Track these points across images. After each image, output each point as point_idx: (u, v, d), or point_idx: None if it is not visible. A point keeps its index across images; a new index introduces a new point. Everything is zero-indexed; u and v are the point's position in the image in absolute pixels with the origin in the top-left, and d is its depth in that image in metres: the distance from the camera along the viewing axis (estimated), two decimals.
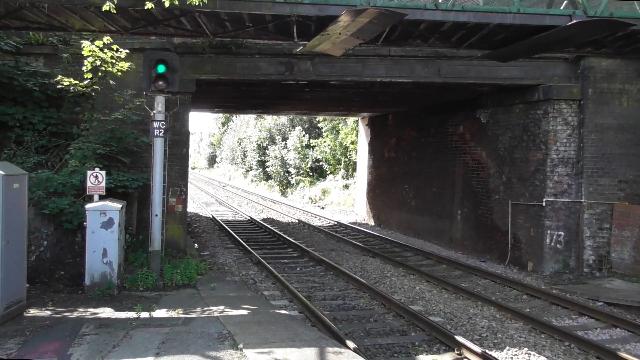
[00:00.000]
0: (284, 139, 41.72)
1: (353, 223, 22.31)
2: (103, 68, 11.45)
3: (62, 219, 10.01)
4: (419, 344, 7.83)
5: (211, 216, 24.36)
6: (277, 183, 41.03)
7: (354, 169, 29.48)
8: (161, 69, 9.98)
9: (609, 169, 12.73)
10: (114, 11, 8.30)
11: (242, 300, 9.25)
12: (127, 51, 11.66)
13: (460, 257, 15.00)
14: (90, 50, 11.13)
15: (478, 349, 7.20)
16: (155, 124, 10.20)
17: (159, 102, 10.29)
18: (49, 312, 7.92)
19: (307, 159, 37.60)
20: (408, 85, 14.15)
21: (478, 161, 15.36)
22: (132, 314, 7.93)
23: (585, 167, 12.67)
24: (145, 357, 6.11)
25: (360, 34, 9.16)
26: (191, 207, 26.89)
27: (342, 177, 32.36)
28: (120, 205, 9.30)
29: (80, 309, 8.14)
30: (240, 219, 24.08)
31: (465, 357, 7.29)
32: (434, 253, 15.17)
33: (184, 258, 12.04)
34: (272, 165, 41.80)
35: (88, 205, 9.16)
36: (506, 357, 7.46)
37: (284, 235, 17.53)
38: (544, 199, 12.84)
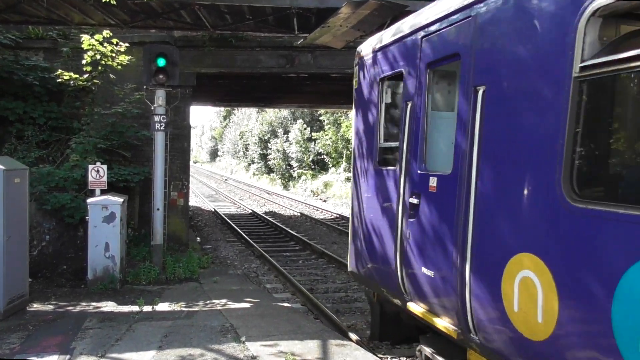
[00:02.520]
0: (286, 132, 41.69)
1: None
2: (103, 62, 11.42)
3: (64, 214, 10.02)
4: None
5: (213, 210, 24.39)
6: (279, 176, 41.04)
7: None
8: (161, 62, 9.94)
9: None
10: (114, 2, 8.27)
11: (244, 293, 9.25)
12: (127, 44, 11.62)
13: None
14: (89, 44, 11.09)
15: None
16: (156, 118, 10.17)
17: (160, 96, 10.26)
18: (51, 307, 7.94)
19: (309, 152, 37.58)
20: None
21: None
22: (134, 308, 7.94)
23: None
24: (148, 351, 6.11)
25: (361, 26, 9.11)
26: (193, 201, 26.91)
27: (344, 170, 32.33)
28: (121, 200, 9.29)
29: (83, 303, 8.15)
30: (242, 212, 24.10)
31: None
32: None
33: (186, 252, 12.05)
34: (274, 158, 41.80)
35: (90, 200, 9.16)
36: None
37: (286, 229, 17.54)
38: None
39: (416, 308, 4.93)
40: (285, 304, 8.82)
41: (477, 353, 4.17)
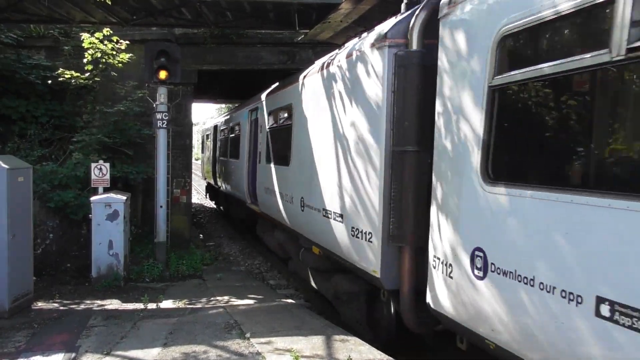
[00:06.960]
0: None
1: None
2: (104, 60, 11.41)
3: (67, 212, 10.03)
4: None
5: (215, 206, 24.36)
6: None
7: None
8: (163, 60, 9.92)
9: None
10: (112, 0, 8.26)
11: (248, 289, 9.28)
12: (128, 42, 11.61)
13: None
14: (90, 42, 11.09)
15: None
16: (158, 116, 10.17)
17: (161, 94, 10.26)
18: (56, 305, 7.97)
19: None
20: None
21: None
22: (139, 305, 7.97)
23: None
24: (153, 348, 6.14)
25: (362, 22, 9.09)
26: (195, 198, 26.92)
27: None
28: (124, 197, 9.31)
29: (88, 301, 8.18)
30: None
31: None
32: None
33: (189, 249, 12.08)
34: None
35: (93, 198, 9.18)
36: None
37: None
38: None
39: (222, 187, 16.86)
40: (289, 300, 8.84)
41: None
